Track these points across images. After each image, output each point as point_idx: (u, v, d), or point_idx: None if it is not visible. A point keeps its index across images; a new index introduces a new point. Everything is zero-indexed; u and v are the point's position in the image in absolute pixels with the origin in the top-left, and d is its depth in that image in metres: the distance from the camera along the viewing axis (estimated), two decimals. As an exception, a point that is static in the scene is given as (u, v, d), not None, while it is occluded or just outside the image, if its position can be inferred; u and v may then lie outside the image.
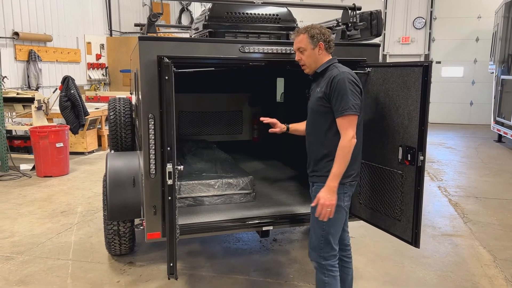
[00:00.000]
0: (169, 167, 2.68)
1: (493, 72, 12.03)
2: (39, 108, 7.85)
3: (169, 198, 2.70)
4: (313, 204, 2.74)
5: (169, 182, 2.69)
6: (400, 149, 2.98)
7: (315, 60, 2.81)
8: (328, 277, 2.82)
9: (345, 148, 2.63)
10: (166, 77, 2.68)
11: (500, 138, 11.40)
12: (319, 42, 2.76)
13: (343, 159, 2.63)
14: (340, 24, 3.73)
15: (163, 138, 2.95)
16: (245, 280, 3.86)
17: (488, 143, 11.27)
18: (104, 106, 9.73)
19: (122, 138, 5.03)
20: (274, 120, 3.20)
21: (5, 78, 8.50)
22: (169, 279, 2.85)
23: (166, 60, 2.73)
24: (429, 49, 14.97)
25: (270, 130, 3.21)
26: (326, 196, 2.64)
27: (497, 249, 4.60)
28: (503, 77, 10.77)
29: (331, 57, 2.85)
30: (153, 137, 3.04)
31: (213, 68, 3.14)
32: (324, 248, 2.80)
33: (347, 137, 2.64)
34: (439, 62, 14.95)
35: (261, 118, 3.21)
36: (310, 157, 2.89)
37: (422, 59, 14.81)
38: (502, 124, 10.65)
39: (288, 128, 3.21)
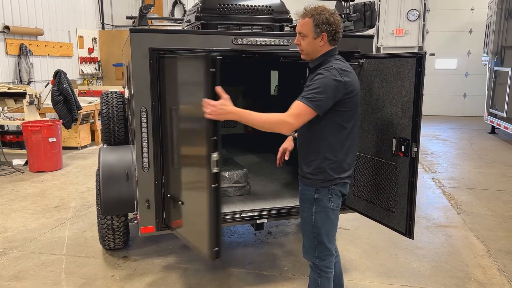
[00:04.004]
0: (215, 156, 2.50)
1: (486, 64, 12.06)
2: (31, 103, 7.77)
3: (216, 185, 2.55)
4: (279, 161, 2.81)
5: (215, 170, 2.52)
6: (394, 140, 2.97)
7: (314, 50, 2.59)
8: (321, 278, 2.72)
9: (273, 124, 2.42)
10: (213, 69, 2.41)
11: (493, 130, 11.46)
12: (323, 33, 2.52)
13: (261, 122, 2.42)
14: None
15: (160, 131, 2.95)
16: (240, 272, 3.86)
17: (481, 135, 11.33)
18: (97, 100, 9.66)
19: (115, 132, 5.00)
20: (285, 149, 3.08)
21: (-4, 73, 8.41)
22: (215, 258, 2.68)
23: (213, 53, 2.45)
24: (423, 41, 14.98)
25: (286, 157, 3.06)
26: (225, 108, 2.38)
27: (490, 239, 4.64)
28: (496, 68, 10.81)
29: (332, 47, 2.59)
30: (145, 131, 3.02)
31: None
32: (317, 248, 2.68)
33: (286, 122, 2.40)
34: (432, 54, 14.97)
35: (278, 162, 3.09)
36: (298, 154, 2.76)
37: (415, 51, 14.81)
38: (495, 116, 10.70)
39: (295, 138, 3.00)
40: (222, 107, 2.38)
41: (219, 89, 2.42)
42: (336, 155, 2.56)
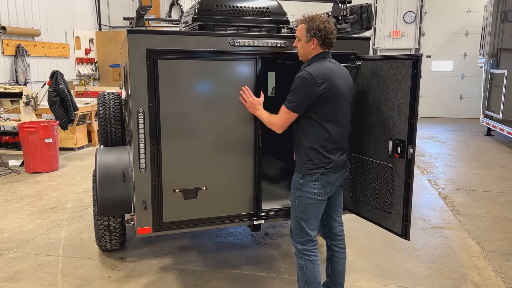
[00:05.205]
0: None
1: (482, 66, 12.12)
2: (27, 104, 7.75)
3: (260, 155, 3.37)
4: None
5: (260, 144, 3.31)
6: (390, 142, 2.98)
7: (306, 53, 2.89)
8: (305, 261, 2.95)
9: (268, 123, 2.97)
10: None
11: (489, 132, 11.52)
12: (313, 38, 2.80)
13: (264, 121, 3.03)
14: (330, 17, 3.72)
15: (157, 132, 2.99)
16: (237, 274, 3.86)
17: (477, 137, 11.38)
18: (93, 101, 9.65)
19: (112, 133, 5.00)
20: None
21: (-8, 73, 8.38)
22: None
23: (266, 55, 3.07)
24: (419, 43, 15.04)
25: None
26: (254, 104, 3.09)
27: (486, 240, 4.66)
28: (492, 71, 10.87)
29: (323, 51, 2.87)
30: (142, 132, 3.01)
31: None
32: (300, 233, 2.94)
33: (274, 122, 2.90)
34: (429, 56, 15.03)
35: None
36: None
37: (412, 53, 14.86)
38: (491, 118, 10.75)
39: None
40: (256, 106, 3.09)
41: (261, 93, 3.15)
42: (321, 147, 2.82)
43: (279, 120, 2.88)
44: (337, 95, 2.79)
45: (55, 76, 7.63)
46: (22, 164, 7.60)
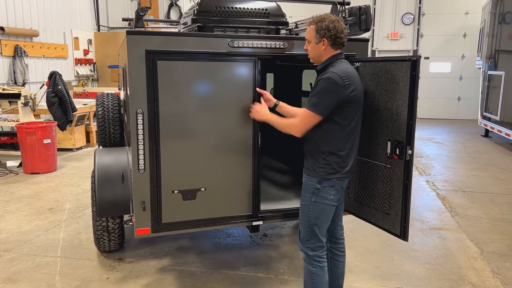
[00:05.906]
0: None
1: (480, 68, 12.16)
2: (25, 104, 7.74)
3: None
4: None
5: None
6: (389, 143, 2.99)
7: (318, 54, 2.82)
8: (315, 268, 2.90)
9: (285, 127, 2.85)
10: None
11: (487, 133, 11.55)
12: (323, 38, 2.74)
13: (279, 125, 2.90)
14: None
15: (156, 133, 3.00)
16: (235, 275, 3.86)
17: (475, 138, 11.41)
18: (92, 102, 9.65)
19: (111, 134, 4.99)
20: (266, 93, 3.23)
21: (-9, 74, 8.36)
22: None
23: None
24: (417, 45, 15.08)
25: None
26: (262, 112, 3.03)
27: (484, 242, 4.67)
28: (490, 72, 10.90)
29: (337, 52, 2.80)
30: (141, 133, 3.02)
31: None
32: (311, 239, 2.88)
33: (294, 125, 2.78)
34: (427, 58, 15.06)
35: (257, 89, 3.26)
36: (304, 149, 2.97)
37: (410, 55, 14.90)
38: (489, 119, 10.78)
39: (276, 106, 3.18)
40: (262, 113, 3.04)
41: (262, 99, 3.17)
42: (341, 151, 2.77)
43: (300, 123, 2.76)
44: (359, 97, 2.77)
45: (54, 77, 7.62)
46: (20, 164, 7.59)
